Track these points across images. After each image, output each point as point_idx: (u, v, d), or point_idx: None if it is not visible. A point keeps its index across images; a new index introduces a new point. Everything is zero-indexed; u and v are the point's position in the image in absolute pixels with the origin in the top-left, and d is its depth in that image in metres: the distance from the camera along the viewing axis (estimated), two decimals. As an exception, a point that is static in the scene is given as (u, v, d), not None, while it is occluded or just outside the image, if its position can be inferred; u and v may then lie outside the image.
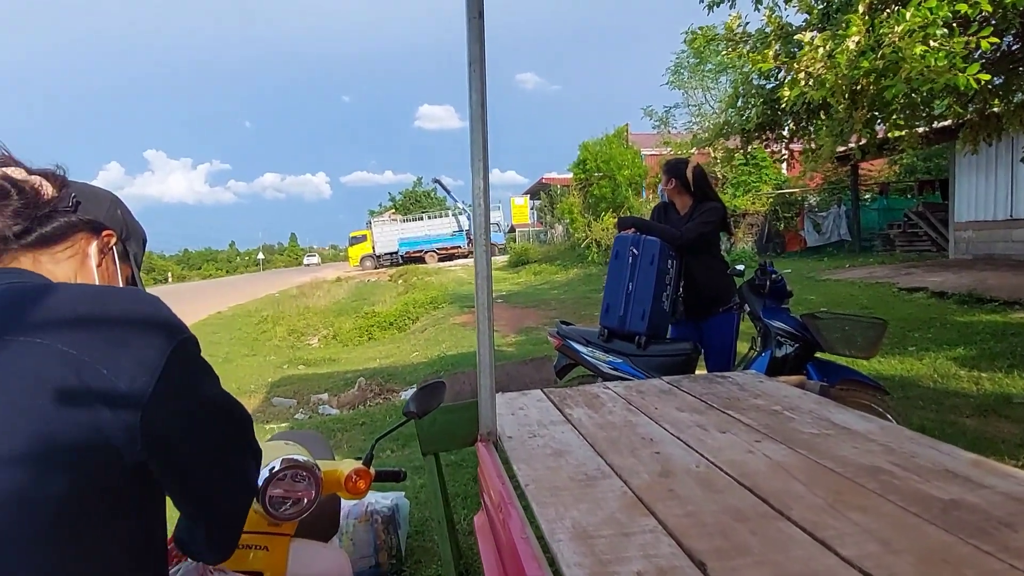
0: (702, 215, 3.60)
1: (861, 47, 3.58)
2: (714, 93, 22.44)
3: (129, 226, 1.15)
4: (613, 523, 1.23)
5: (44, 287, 0.89)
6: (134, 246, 1.17)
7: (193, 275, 65.51)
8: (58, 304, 0.84)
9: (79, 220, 1.04)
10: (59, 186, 1.03)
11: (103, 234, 1.08)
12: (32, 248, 0.98)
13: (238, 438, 1.00)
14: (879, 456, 1.51)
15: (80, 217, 1.04)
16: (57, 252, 1.01)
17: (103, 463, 0.78)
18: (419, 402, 1.65)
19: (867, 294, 9.36)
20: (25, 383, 0.76)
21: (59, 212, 1.01)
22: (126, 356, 0.81)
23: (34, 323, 0.81)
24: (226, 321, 16.60)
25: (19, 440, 0.74)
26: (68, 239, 1.03)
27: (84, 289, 0.92)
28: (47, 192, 1.00)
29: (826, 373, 3.17)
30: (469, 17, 1.61)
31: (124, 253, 1.14)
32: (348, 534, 2.78)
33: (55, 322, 0.82)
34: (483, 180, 1.65)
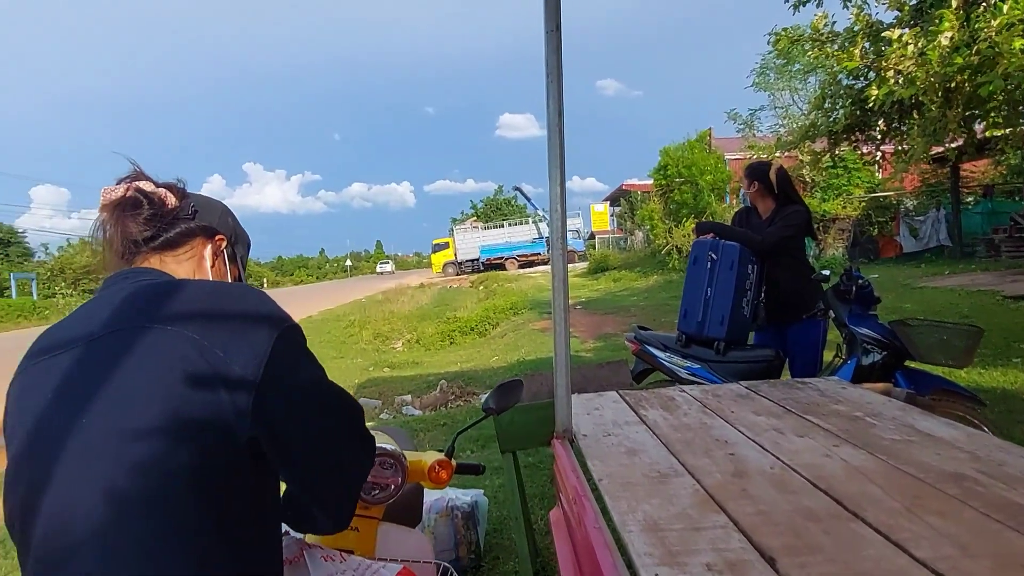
0: (784, 219, 3.52)
1: (955, 43, 3.43)
2: (802, 94, 21.63)
3: (237, 232, 1.30)
4: (684, 518, 1.27)
5: (173, 283, 1.03)
6: (241, 249, 1.32)
7: (286, 281, 68.68)
8: (185, 297, 0.98)
9: (197, 226, 1.19)
10: (180, 196, 1.19)
11: (216, 238, 1.23)
12: (158, 251, 1.14)
13: (345, 424, 1.08)
14: (964, 463, 1.47)
15: (198, 223, 1.19)
16: (179, 254, 1.16)
17: (220, 439, 0.90)
18: (497, 399, 1.73)
19: (968, 302, 8.80)
20: (162, 364, 0.90)
21: (181, 219, 1.17)
22: (239, 342, 0.93)
23: (168, 313, 0.95)
24: (316, 325, 17.33)
25: (156, 414, 0.87)
26: (188, 243, 1.18)
27: (204, 284, 1.05)
28: (171, 202, 1.16)
29: (917, 382, 3.04)
30: (547, 30, 1.68)
31: (232, 255, 1.29)
32: (430, 527, 2.90)
33: (184, 313, 0.95)
34: (560, 187, 1.72)
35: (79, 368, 0.92)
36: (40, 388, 0.93)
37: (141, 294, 1.00)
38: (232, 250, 1.29)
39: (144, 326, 0.93)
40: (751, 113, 21.28)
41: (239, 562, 0.91)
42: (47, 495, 0.86)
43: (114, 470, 0.84)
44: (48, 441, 0.88)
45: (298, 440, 0.99)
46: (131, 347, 0.91)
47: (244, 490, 0.94)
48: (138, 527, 0.83)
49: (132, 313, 0.96)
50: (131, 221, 1.10)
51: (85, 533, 0.83)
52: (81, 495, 0.84)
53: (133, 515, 0.83)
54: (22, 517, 0.89)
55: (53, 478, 0.86)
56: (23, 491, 0.89)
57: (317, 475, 1.04)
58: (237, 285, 1.07)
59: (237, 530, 0.92)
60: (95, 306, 1.02)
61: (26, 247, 43.20)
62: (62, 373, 0.92)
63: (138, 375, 0.89)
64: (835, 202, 17.94)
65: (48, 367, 0.95)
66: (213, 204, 1.27)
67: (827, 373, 3.37)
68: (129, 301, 0.98)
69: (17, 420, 0.93)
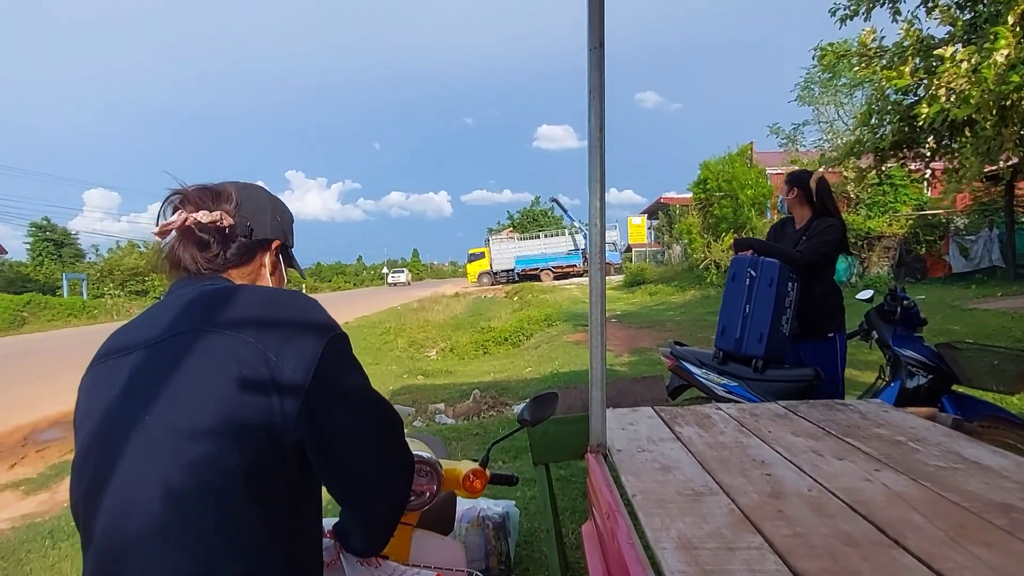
0: (820, 233, 3.47)
1: (1011, 60, 3.34)
2: (848, 109, 21.27)
3: (285, 225, 1.31)
4: (718, 537, 1.26)
5: (232, 289, 1.08)
6: (290, 238, 1.34)
7: (324, 287, 69.70)
8: (242, 303, 1.03)
9: (255, 242, 1.23)
10: (233, 209, 1.20)
11: (272, 247, 1.27)
12: (226, 271, 1.19)
13: (386, 434, 1.08)
14: (1012, 493, 1.43)
15: (255, 239, 1.23)
16: (243, 269, 1.22)
17: (270, 440, 0.94)
18: (532, 411, 1.74)
19: (1022, 326, 8.49)
20: (218, 367, 0.94)
21: (238, 239, 1.20)
22: (291, 347, 0.98)
23: (225, 318, 1.00)
24: (352, 331, 17.53)
25: (212, 414, 0.91)
26: (250, 260, 1.23)
27: (259, 291, 1.09)
28: (227, 222, 1.17)
29: (964, 407, 2.95)
30: (590, 47, 1.70)
31: (288, 255, 1.33)
32: (460, 536, 2.91)
33: (240, 318, 1.00)
34: (599, 201, 1.73)
35: (143, 369, 0.97)
36: (107, 386, 0.98)
37: (201, 300, 1.05)
38: (287, 251, 1.33)
39: (204, 330, 0.98)
40: (794, 127, 20.99)
41: (285, 560, 0.94)
42: (109, 489, 0.90)
43: (172, 467, 0.89)
44: (112, 438, 0.93)
45: (341, 445, 1.01)
46: (191, 350, 0.96)
47: (292, 491, 0.98)
48: (192, 521, 0.87)
49: (192, 318, 1.01)
50: (199, 254, 1.15)
51: (143, 527, 0.87)
52: (141, 490, 0.89)
53: (188, 510, 0.88)
54: (85, 509, 0.94)
55: (115, 473, 0.91)
56: (87, 484, 0.94)
57: (358, 483, 1.05)
58: (291, 293, 1.11)
59: (285, 528, 0.95)
60: (160, 310, 1.07)
61: (78, 248, 44.75)
62: (128, 373, 0.98)
63: (197, 377, 0.94)
64: (880, 219, 17.53)
65: (116, 367, 1.00)
66: (261, 205, 1.27)
67: (869, 395, 3.29)
68: (189, 306, 1.03)
69: (85, 416, 0.99)
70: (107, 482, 0.91)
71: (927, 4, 4.97)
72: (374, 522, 1.11)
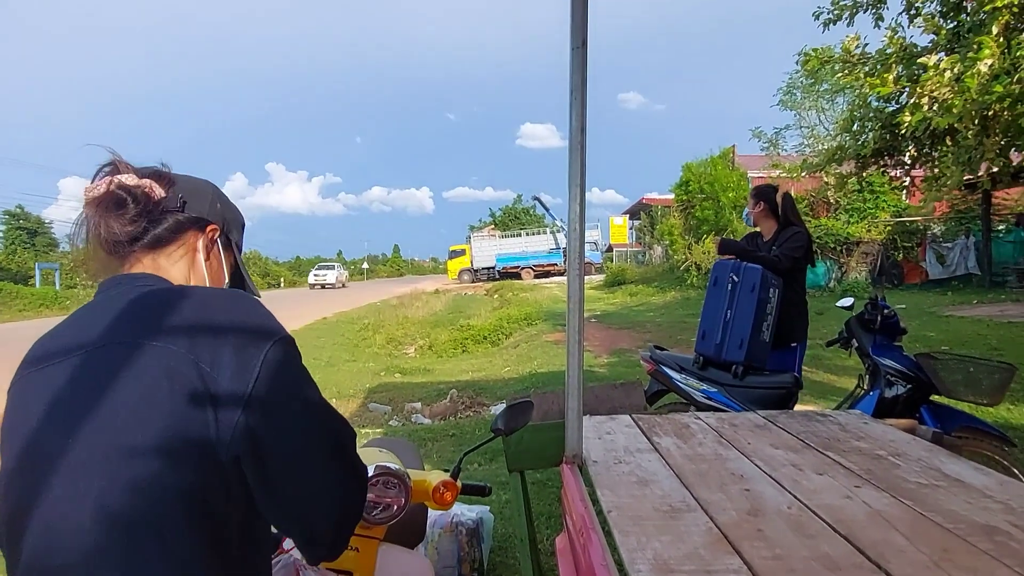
0: (788, 240, 3.56)
1: (994, 71, 3.34)
2: (829, 114, 21.47)
3: (227, 216, 1.21)
4: (696, 558, 1.21)
5: (167, 293, 0.99)
6: (236, 234, 1.24)
7: (303, 281, 69.15)
8: (178, 309, 0.94)
9: (186, 219, 1.12)
10: (167, 185, 1.11)
11: (208, 229, 1.16)
12: (149, 249, 1.08)
13: (336, 453, 0.99)
14: (996, 514, 1.39)
15: (187, 215, 1.12)
16: (171, 251, 1.10)
17: (209, 458, 0.86)
18: (507, 420, 1.68)
19: (997, 334, 8.59)
20: (153, 382, 0.86)
21: (169, 212, 1.09)
22: (227, 356, 0.89)
23: (160, 327, 0.91)
24: (330, 327, 17.38)
25: (148, 433, 0.83)
26: (179, 238, 1.11)
27: (196, 294, 0.98)
28: (157, 193, 1.08)
29: (942, 418, 2.95)
30: (572, 47, 1.64)
31: (227, 243, 1.22)
32: (433, 543, 2.85)
33: (175, 327, 0.91)
34: (579, 206, 1.67)
35: (73, 381, 0.89)
36: (34, 399, 0.90)
37: (134, 306, 0.96)
38: (226, 237, 1.21)
39: (137, 342, 0.89)
40: (776, 132, 21.12)
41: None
42: (37, 510, 0.83)
43: (106, 489, 0.82)
44: (40, 456, 0.85)
45: (282, 462, 0.91)
46: (124, 363, 0.88)
47: (235, 514, 0.90)
48: (127, 549, 0.81)
49: (126, 326, 0.92)
50: (115, 220, 1.04)
51: (73, 552, 0.80)
52: (71, 512, 0.82)
53: (123, 536, 0.81)
54: (9, 531, 0.86)
55: (43, 493, 0.83)
56: (12, 505, 0.86)
57: (299, 503, 0.95)
58: (231, 294, 1.02)
59: (227, 555, 0.88)
60: (90, 313, 0.98)
61: (52, 238, 43.89)
62: (56, 385, 0.89)
63: (130, 392, 0.86)
64: (860, 225, 17.72)
65: (42, 378, 0.91)
66: (201, 189, 1.18)
67: (848, 404, 3.28)
68: (123, 313, 0.95)
69: (11, 431, 0.90)
70: (34, 503, 0.83)
71: (910, 12, 4.98)
72: (318, 547, 1.00)
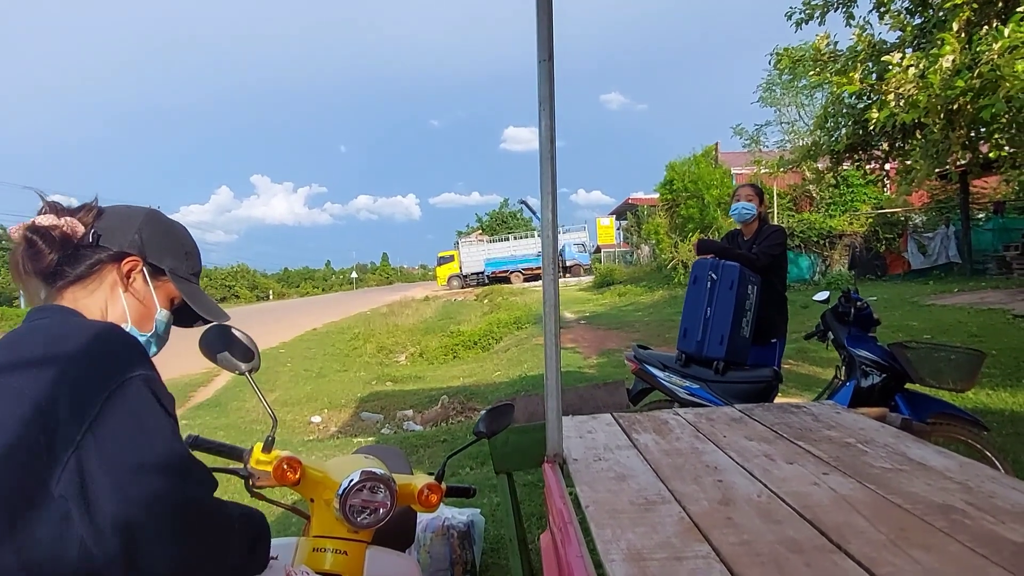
0: (769, 237, 3.64)
1: (956, 66, 3.44)
2: (808, 110, 21.73)
3: (155, 245, 1.20)
4: (667, 547, 1.27)
5: (30, 330, 1.01)
6: (169, 262, 1.23)
7: (292, 292, 68.86)
8: (29, 347, 0.96)
9: (103, 255, 1.14)
10: (90, 222, 1.14)
11: (123, 262, 1.16)
12: (70, 285, 1.11)
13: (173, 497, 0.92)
14: (953, 494, 1.46)
15: (101, 252, 1.14)
16: (88, 285, 1.13)
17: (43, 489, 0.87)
18: (488, 423, 1.74)
19: (977, 321, 8.74)
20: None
21: (83, 249, 1.12)
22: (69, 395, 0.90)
23: (10, 366, 0.93)
24: (320, 337, 17.38)
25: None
26: (95, 273, 1.13)
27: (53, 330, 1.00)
28: (77, 232, 1.11)
29: (916, 406, 3.03)
30: (540, 59, 1.70)
31: (157, 271, 1.21)
32: (425, 546, 2.89)
33: (23, 364, 0.93)
34: (551, 212, 1.73)
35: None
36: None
37: (5, 341, 0.99)
38: (151, 267, 1.20)
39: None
40: (757, 128, 21.33)
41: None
42: None
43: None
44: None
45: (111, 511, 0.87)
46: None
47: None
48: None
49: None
50: (29, 260, 1.08)
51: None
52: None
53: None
54: None
55: None
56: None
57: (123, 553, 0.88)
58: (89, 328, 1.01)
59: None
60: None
61: (36, 257, 43.42)
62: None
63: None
64: (841, 218, 17.91)
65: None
66: (128, 220, 1.19)
67: (825, 395, 3.36)
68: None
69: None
70: None
71: (879, 9, 5.10)
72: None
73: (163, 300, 1.23)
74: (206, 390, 9.96)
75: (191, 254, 1.29)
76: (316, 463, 1.53)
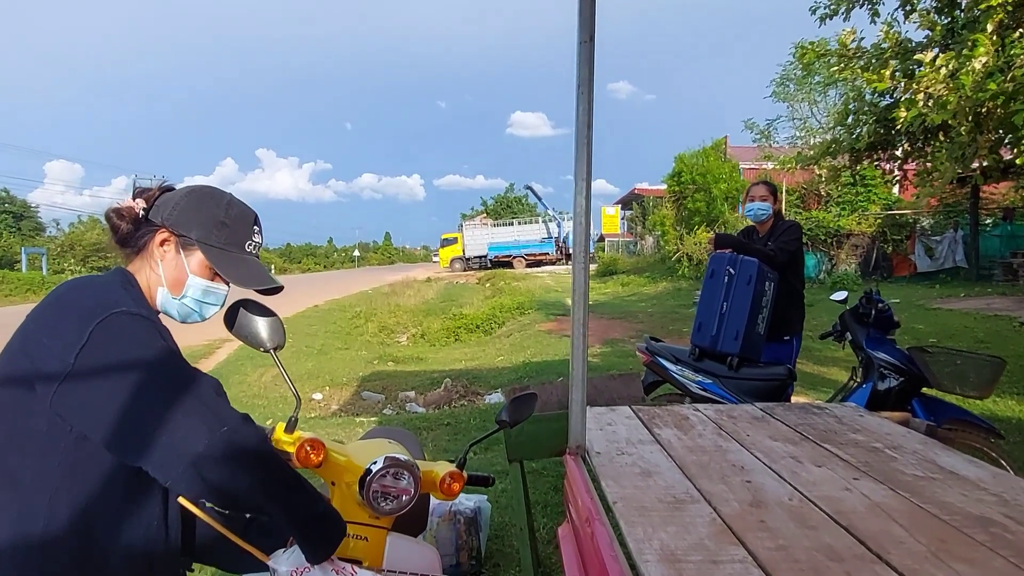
0: (785, 232, 3.61)
1: (988, 68, 3.37)
2: (821, 106, 21.54)
3: (183, 219, 1.33)
4: (702, 549, 1.24)
5: (61, 284, 1.25)
6: (199, 231, 1.34)
7: (293, 268, 68.75)
8: (46, 298, 1.21)
9: (146, 229, 1.33)
10: (151, 200, 1.34)
11: (157, 233, 1.32)
12: (134, 255, 1.34)
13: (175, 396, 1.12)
14: (990, 506, 1.43)
15: (147, 226, 1.33)
16: (144, 255, 1.33)
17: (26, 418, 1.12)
18: (511, 412, 1.70)
19: (984, 327, 8.70)
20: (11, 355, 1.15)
21: (141, 224, 1.33)
22: (57, 336, 1.11)
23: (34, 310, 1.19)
24: (322, 315, 17.34)
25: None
26: (145, 243, 1.33)
27: (61, 287, 1.23)
28: (137, 209, 1.32)
29: (933, 410, 3.00)
30: (580, 40, 1.65)
31: (189, 243, 1.33)
32: (432, 531, 2.88)
33: (37, 311, 1.18)
34: (585, 200, 1.68)
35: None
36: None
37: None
38: (183, 239, 1.33)
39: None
40: (768, 123, 21.16)
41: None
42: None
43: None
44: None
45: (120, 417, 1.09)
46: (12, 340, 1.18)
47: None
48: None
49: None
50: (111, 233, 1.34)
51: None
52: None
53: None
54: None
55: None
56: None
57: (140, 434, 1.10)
58: (75, 283, 1.24)
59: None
60: None
61: (38, 222, 43.46)
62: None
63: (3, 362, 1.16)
64: (851, 218, 17.81)
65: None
66: (172, 197, 1.34)
67: (841, 396, 3.33)
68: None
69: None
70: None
71: (905, 7, 5.01)
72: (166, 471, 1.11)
73: (198, 268, 1.35)
74: (208, 362, 9.93)
75: (228, 224, 1.37)
76: (338, 446, 1.50)
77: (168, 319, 1.37)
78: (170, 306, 1.35)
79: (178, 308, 1.36)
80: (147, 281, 1.33)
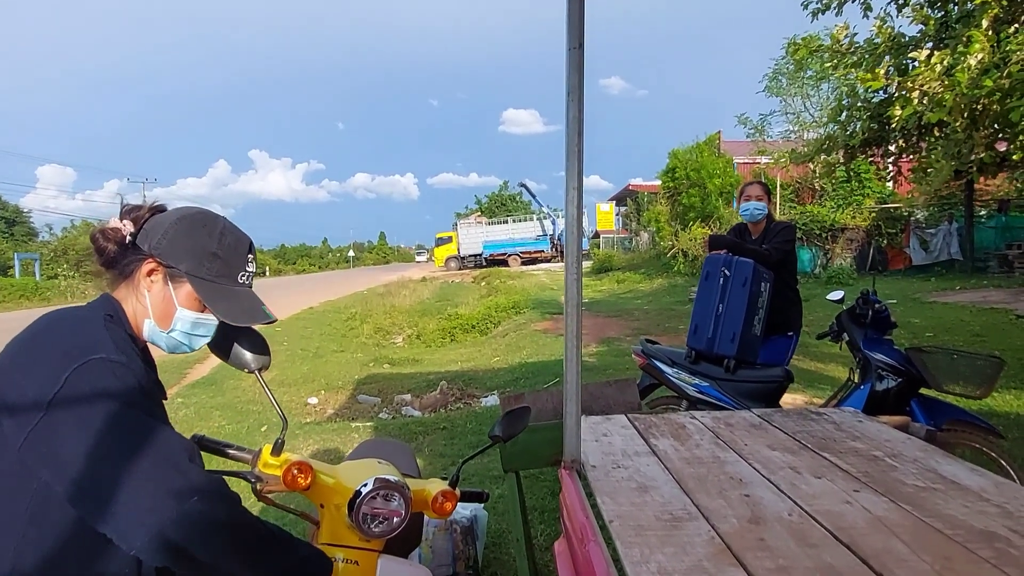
0: (779, 233, 3.61)
1: (984, 64, 3.34)
2: (814, 101, 21.56)
3: (172, 249, 1.26)
4: (700, 571, 1.21)
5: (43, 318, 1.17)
6: (188, 263, 1.27)
7: (288, 269, 68.60)
8: (24, 332, 1.13)
9: (133, 256, 1.27)
10: (138, 224, 1.26)
11: (145, 263, 1.26)
12: (119, 280, 1.28)
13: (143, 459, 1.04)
14: (995, 519, 1.40)
15: (132, 253, 1.27)
16: (130, 282, 1.27)
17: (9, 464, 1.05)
18: (505, 427, 1.67)
19: (980, 320, 8.70)
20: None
21: (128, 249, 1.27)
22: (32, 377, 1.05)
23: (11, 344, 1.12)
24: (317, 316, 17.26)
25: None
26: (131, 271, 1.27)
27: (41, 321, 1.16)
28: (125, 232, 1.25)
29: (932, 411, 2.97)
30: (569, 47, 1.61)
31: (178, 275, 1.27)
32: (428, 541, 2.84)
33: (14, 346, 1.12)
34: (576, 209, 1.65)
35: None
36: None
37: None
38: (170, 269, 1.27)
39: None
40: (762, 118, 21.17)
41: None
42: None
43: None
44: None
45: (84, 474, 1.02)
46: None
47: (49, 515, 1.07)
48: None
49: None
50: (97, 255, 1.27)
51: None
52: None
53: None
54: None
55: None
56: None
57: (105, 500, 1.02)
58: (54, 319, 1.16)
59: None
60: None
61: (31, 227, 43.26)
62: None
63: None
64: (845, 212, 17.83)
65: None
66: (162, 222, 1.27)
67: (839, 397, 3.30)
68: None
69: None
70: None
71: (899, 2, 4.97)
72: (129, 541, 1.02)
73: (187, 301, 1.29)
74: (202, 367, 9.86)
75: (220, 256, 1.31)
76: (327, 467, 1.47)
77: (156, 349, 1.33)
78: (158, 338, 1.30)
79: (166, 341, 1.31)
80: (133, 311, 1.27)
